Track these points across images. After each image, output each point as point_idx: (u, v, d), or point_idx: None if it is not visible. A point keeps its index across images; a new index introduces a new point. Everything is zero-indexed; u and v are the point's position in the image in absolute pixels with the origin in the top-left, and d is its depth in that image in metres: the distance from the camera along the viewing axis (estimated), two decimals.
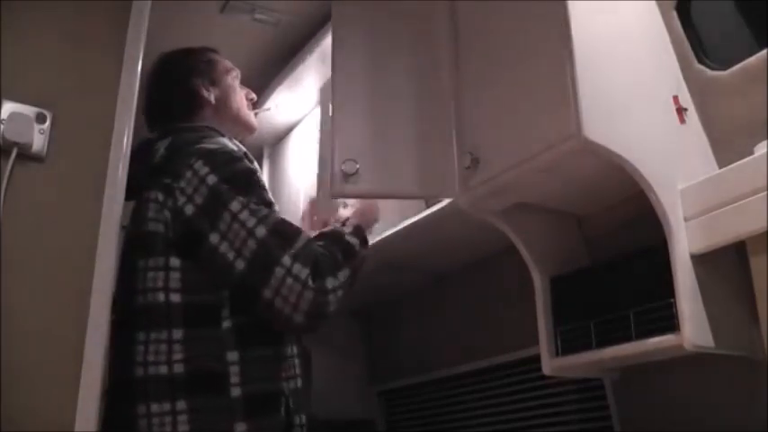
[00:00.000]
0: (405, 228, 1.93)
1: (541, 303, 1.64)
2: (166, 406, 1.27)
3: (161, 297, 1.33)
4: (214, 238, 1.34)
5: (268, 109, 2.50)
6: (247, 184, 1.40)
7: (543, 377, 1.66)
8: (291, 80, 2.50)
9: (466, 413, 2.20)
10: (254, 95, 1.78)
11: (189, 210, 1.36)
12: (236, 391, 1.30)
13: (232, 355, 1.32)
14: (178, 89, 1.65)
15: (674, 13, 1.62)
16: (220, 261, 1.33)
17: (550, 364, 1.59)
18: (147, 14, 1.58)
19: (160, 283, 1.34)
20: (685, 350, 1.32)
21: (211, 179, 1.36)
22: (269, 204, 1.42)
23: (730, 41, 1.64)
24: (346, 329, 2.63)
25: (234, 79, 1.73)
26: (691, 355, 1.36)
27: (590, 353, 1.50)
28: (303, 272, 1.32)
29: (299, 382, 1.41)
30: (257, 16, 2.49)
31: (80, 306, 1.31)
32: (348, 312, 2.68)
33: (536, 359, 1.66)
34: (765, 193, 1.26)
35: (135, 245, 1.41)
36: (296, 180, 2.60)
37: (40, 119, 1.38)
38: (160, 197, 1.39)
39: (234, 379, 1.30)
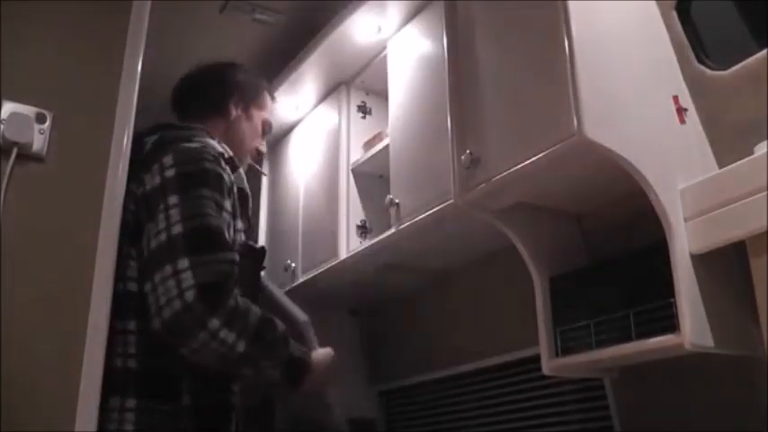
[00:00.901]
0: (405, 228, 1.93)
1: (541, 303, 1.64)
2: (115, 402, 1.26)
3: (121, 286, 1.33)
4: (150, 226, 1.31)
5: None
6: (198, 183, 1.33)
7: (543, 377, 1.67)
8: (291, 80, 2.50)
9: (466, 413, 2.20)
10: (264, 150, 1.75)
11: (140, 199, 1.36)
12: (186, 399, 1.28)
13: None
14: (216, 87, 1.66)
15: (674, 13, 1.62)
16: (144, 251, 1.31)
17: (550, 364, 1.59)
18: (147, 14, 1.58)
19: (120, 272, 1.33)
20: (685, 350, 1.32)
21: (169, 172, 1.34)
22: (206, 208, 1.32)
23: (730, 41, 1.63)
24: (346, 329, 2.63)
25: (263, 124, 1.71)
26: (691, 355, 1.36)
27: (590, 353, 1.50)
28: (188, 281, 1.20)
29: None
30: (257, 16, 2.49)
31: (80, 306, 1.31)
32: (348, 312, 2.68)
33: (536, 359, 1.66)
34: (765, 193, 1.26)
35: (122, 231, 1.39)
36: (296, 180, 2.60)
37: (40, 119, 1.38)
38: (133, 187, 1.39)
39: (185, 384, 1.29)
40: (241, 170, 1.52)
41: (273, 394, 1.50)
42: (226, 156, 1.46)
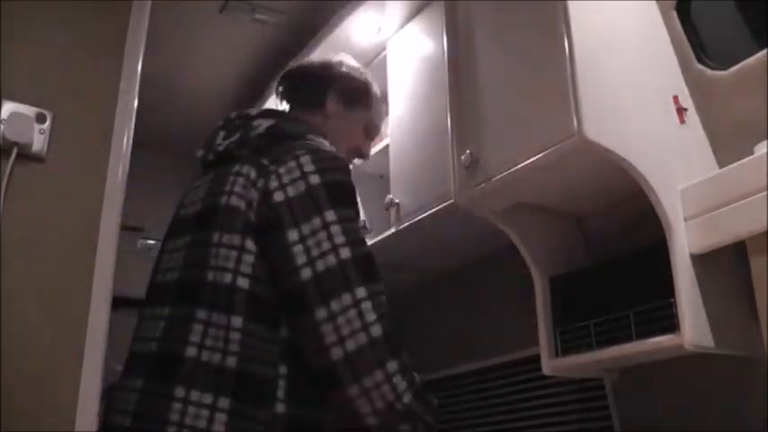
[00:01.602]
0: (405, 228, 1.93)
1: (541, 303, 1.64)
2: (207, 398, 1.16)
3: (228, 278, 1.22)
4: (292, 234, 1.21)
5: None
6: (348, 201, 1.27)
7: (543, 377, 1.66)
8: None
9: (466, 413, 2.20)
10: (368, 152, 1.58)
11: (279, 197, 1.24)
12: (281, 408, 1.18)
13: (282, 368, 1.20)
14: (316, 79, 1.53)
15: (674, 13, 1.62)
16: (287, 261, 1.21)
17: (550, 364, 1.59)
18: (147, 14, 1.58)
19: (231, 264, 1.22)
20: (685, 350, 1.32)
21: (314, 179, 1.24)
22: (360, 231, 1.27)
23: (730, 41, 1.64)
24: None
25: (366, 126, 1.56)
26: (691, 355, 1.36)
27: (590, 353, 1.50)
28: (370, 315, 1.18)
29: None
30: (257, 16, 2.49)
31: (80, 305, 1.32)
32: None
33: (536, 359, 1.66)
34: (765, 193, 1.26)
35: (208, 216, 1.29)
36: None
37: (40, 119, 1.38)
38: (252, 174, 1.27)
39: (280, 393, 1.18)
40: None
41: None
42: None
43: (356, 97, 1.53)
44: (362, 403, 1.15)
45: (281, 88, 1.57)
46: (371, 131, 1.58)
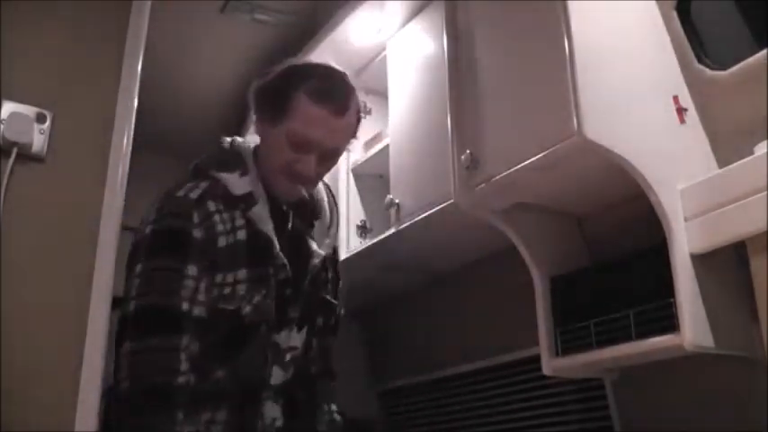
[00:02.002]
0: (405, 228, 1.93)
1: (541, 303, 1.64)
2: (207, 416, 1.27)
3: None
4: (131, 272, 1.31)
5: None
6: (162, 247, 1.29)
7: (543, 377, 1.66)
8: None
9: (466, 413, 2.20)
10: (302, 168, 1.36)
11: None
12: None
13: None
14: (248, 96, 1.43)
15: (674, 13, 1.62)
16: None
17: (550, 364, 1.59)
18: (147, 14, 1.58)
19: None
20: (685, 350, 1.32)
21: (148, 228, 1.30)
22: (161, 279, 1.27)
23: (730, 41, 1.63)
24: (346, 330, 2.63)
25: (288, 134, 1.33)
26: (691, 355, 1.36)
27: (590, 353, 1.50)
28: (123, 372, 1.22)
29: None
30: (257, 16, 2.50)
31: (80, 306, 1.31)
32: (348, 313, 2.68)
33: (536, 359, 1.66)
34: (765, 193, 1.26)
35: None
36: None
37: (40, 119, 1.38)
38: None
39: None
40: (258, 207, 1.33)
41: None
42: (237, 193, 1.32)
43: (273, 109, 1.35)
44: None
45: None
46: (294, 142, 1.33)
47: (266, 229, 1.32)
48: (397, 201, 1.97)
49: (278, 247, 1.33)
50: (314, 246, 1.43)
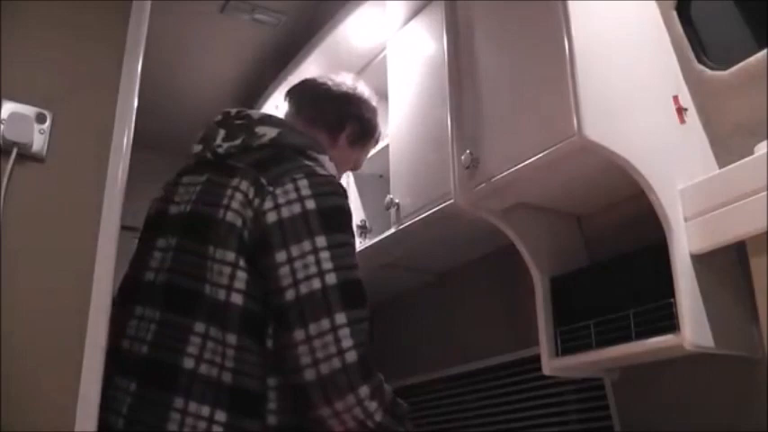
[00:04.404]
0: (405, 228, 1.93)
1: (541, 303, 1.64)
2: (205, 410, 1.20)
3: (222, 294, 1.25)
4: (281, 256, 1.24)
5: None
6: (342, 226, 1.29)
7: (543, 377, 1.67)
8: (291, 80, 2.49)
9: (466, 413, 2.20)
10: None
11: (271, 218, 1.26)
12: (272, 419, 1.23)
13: (271, 380, 1.24)
14: (340, 110, 1.55)
15: (674, 13, 1.62)
16: (275, 281, 1.24)
17: (550, 364, 1.59)
18: (147, 14, 1.57)
19: (225, 280, 1.25)
20: (685, 350, 1.32)
21: (310, 204, 1.26)
22: (352, 257, 1.29)
23: (730, 41, 1.63)
24: None
25: (356, 162, 1.61)
26: (691, 355, 1.36)
27: (590, 353, 1.50)
28: (347, 341, 1.20)
29: None
30: (257, 16, 2.50)
31: (80, 306, 1.31)
32: None
33: (536, 359, 1.66)
34: (765, 193, 1.26)
35: (201, 226, 1.31)
36: None
37: (40, 119, 1.38)
38: (251, 193, 1.29)
39: (271, 405, 1.23)
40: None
41: None
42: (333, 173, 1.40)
43: (364, 138, 1.57)
44: (335, 423, 1.20)
45: (297, 97, 1.58)
46: (355, 167, 1.63)
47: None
48: (397, 201, 1.97)
49: None
50: None
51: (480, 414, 2.14)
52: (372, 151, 2.19)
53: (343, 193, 1.33)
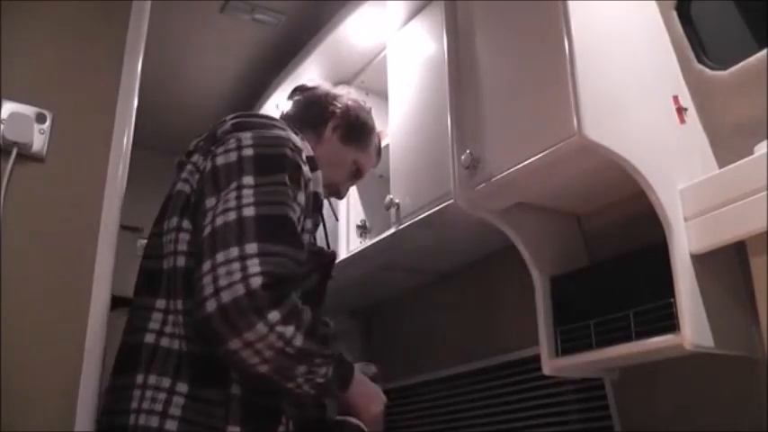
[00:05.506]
0: (405, 228, 1.93)
1: (541, 303, 1.64)
2: (166, 382, 1.15)
3: (172, 262, 1.22)
4: (210, 201, 1.18)
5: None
6: (277, 169, 1.22)
7: (543, 377, 1.66)
8: (291, 80, 2.50)
9: (466, 413, 2.20)
10: (342, 195, 1.60)
11: (208, 166, 1.24)
12: (235, 389, 1.16)
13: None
14: (323, 104, 1.54)
15: (674, 13, 1.62)
16: (201, 226, 1.17)
17: (550, 364, 1.59)
18: (147, 14, 1.58)
19: (172, 247, 1.22)
20: (685, 350, 1.32)
21: (247, 151, 1.22)
22: (282, 196, 1.20)
23: (730, 41, 1.64)
24: (346, 329, 2.63)
25: (353, 163, 1.56)
26: (691, 355, 1.36)
27: (590, 353, 1.50)
28: (254, 267, 1.08)
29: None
30: (257, 16, 2.50)
31: (80, 306, 1.31)
32: (348, 312, 2.68)
33: (536, 359, 1.66)
34: (765, 193, 1.26)
35: (162, 209, 1.30)
36: None
37: (40, 119, 1.38)
38: (200, 161, 1.28)
39: (234, 374, 1.17)
40: (319, 173, 1.34)
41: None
42: (306, 154, 1.32)
43: (352, 132, 1.54)
44: (248, 355, 1.10)
45: (288, 101, 1.59)
46: (356, 172, 1.57)
47: (321, 194, 1.34)
48: (397, 201, 1.97)
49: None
50: None
51: (480, 414, 2.14)
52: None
53: (291, 147, 1.26)
